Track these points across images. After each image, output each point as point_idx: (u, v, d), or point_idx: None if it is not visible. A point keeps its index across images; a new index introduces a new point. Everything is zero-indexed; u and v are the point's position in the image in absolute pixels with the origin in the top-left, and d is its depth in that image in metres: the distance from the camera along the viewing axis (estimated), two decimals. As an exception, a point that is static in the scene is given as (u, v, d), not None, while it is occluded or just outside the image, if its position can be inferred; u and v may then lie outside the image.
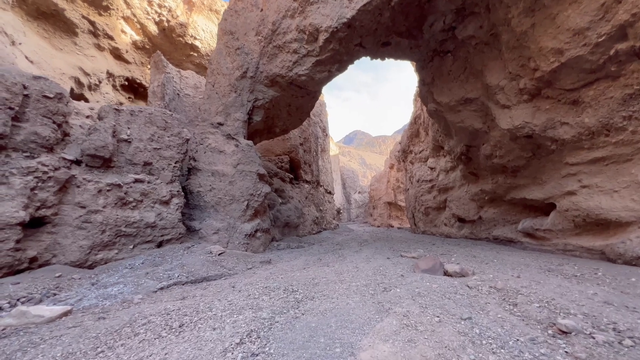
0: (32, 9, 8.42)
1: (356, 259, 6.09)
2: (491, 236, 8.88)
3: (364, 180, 55.64)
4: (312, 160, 16.86)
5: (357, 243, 9.77)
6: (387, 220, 26.13)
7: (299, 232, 12.99)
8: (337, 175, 37.87)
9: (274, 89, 7.93)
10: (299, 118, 9.77)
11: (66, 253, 4.70)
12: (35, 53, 7.56)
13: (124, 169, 5.66)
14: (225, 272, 4.92)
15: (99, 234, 5.01)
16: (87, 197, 5.01)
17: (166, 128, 6.45)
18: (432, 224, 13.25)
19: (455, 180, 11.00)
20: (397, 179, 24.99)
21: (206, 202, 7.15)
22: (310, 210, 15.45)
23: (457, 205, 10.61)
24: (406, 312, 2.54)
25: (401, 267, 4.79)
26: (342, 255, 6.77)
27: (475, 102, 6.81)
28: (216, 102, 7.99)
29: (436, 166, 12.88)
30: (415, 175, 14.87)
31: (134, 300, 3.37)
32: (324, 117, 21.18)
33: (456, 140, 8.74)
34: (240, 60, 7.73)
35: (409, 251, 6.77)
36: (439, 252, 6.43)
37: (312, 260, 6.23)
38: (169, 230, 6.05)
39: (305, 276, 4.34)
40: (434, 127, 11.71)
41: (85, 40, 9.83)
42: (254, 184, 7.43)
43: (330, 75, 7.52)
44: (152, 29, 11.68)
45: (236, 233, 7.03)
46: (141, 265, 4.88)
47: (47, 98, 4.79)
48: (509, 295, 3.00)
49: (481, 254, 6.06)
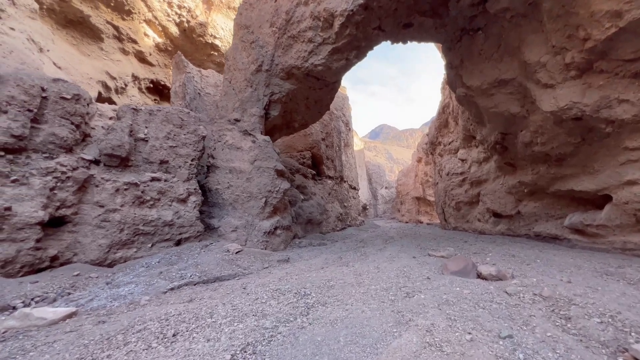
0: (60, 17, 8.81)
1: (379, 258, 5.68)
2: (532, 233, 8.03)
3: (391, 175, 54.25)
4: (334, 155, 16.48)
5: (382, 240, 9.31)
6: (416, 216, 25.16)
7: (322, 229, 12.72)
8: (363, 171, 37.14)
9: (290, 82, 7.66)
10: (318, 111, 9.45)
11: (86, 251, 4.76)
12: (63, 59, 7.88)
13: (141, 168, 5.67)
14: (240, 271, 4.74)
15: (117, 233, 5.04)
16: (105, 196, 5.05)
17: (182, 126, 6.40)
18: (463, 220, 12.41)
19: (489, 172, 10.14)
20: (425, 172, 23.92)
21: (224, 200, 7.07)
22: (334, 206, 15.13)
23: (492, 199, 9.77)
24: (430, 325, 2.14)
25: (428, 268, 4.33)
26: (365, 254, 6.38)
27: (511, 83, 6.07)
28: (233, 98, 7.88)
29: (467, 158, 12.02)
30: (444, 168, 14.03)
31: (140, 302, 3.25)
32: (346, 111, 20.67)
33: (490, 128, 7.97)
34: (255, 54, 7.54)
35: (438, 249, 6.24)
36: (471, 251, 5.84)
37: (332, 259, 5.91)
38: (186, 228, 6.01)
39: (321, 277, 4.03)
40: (464, 115, 10.87)
41: (110, 45, 10.17)
42: (272, 181, 7.23)
43: (348, 64, 7.10)
44: (173, 30, 11.87)
45: (254, 231, 6.88)
46: (157, 264, 4.83)
47: (65, 99, 4.86)
48: (559, 305, 2.49)
49: (521, 253, 5.40)
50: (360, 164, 35.47)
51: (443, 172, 14.37)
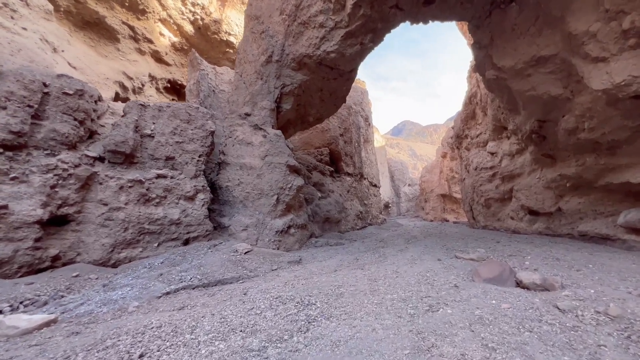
0: (77, 19, 8.93)
1: (399, 259, 5.13)
2: (575, 232, 7.10)
3: (415, 173, 52.57)
4: (354, 151, 15.90)
5: (404, 240, 8.67)
6: (441, 214, 24.00)
7: (340, 228, 12.23)
8: (384, 168, 36.18)
9: (302, 72, 7.23)
10: (334, 104, 8.95)
11: (89, 251, 4.60)
12: (78, 59, 7.94)
13: (146, 165, 5.48)
14: (245, 274, 4.38)
15: (121, 232, 4.85)
16: (109, 194, 4.88)
17: (190, 121, 6.17)
18: (494, 218, 11.45)
19: (524, 166, 9.20)
20: (450, 168, 22.71)
21: (235, 198, 6.78)
22: (353, 204, 14.58)
23: (527, 195, 8.84)
24: (460, 356, 1.62)
25: (455, 273, 3.75)
26: (383, 255, 5.84)
27: (551, 60, 5.28)
28: (243, 92, 7.58)
29: (498, 150, 11.05)
30: (472, 163, 13.07)
31: (129, 309, 2.95)
32: (365, 106, 19.98)
33: (525, 116, 7.13)
34: (265, 45, 7.18)
35: (467, 251, 5.57)
36: (506, 253, 5.14)
37: (348, 261, 5.43)
38: (194, 227, 5.76)
39: (331, 282, 3.57)
40: (494, 104, 9.95)
41: (127, 46, 10.24)
42: (284, 177, 6.84)
43: (363, 49, 6.55)
44: (188, 28, 11.83)
45: (266, 230, 6.54)
46: (160, 264, 4.58)
47: (67, 95, 4.72)
48: (636, 329, 1.88)
49: (567, 256, 4.64)
50: (381, 160, 34.53)
51: (470, 167, 13.43)
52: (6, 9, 5.78)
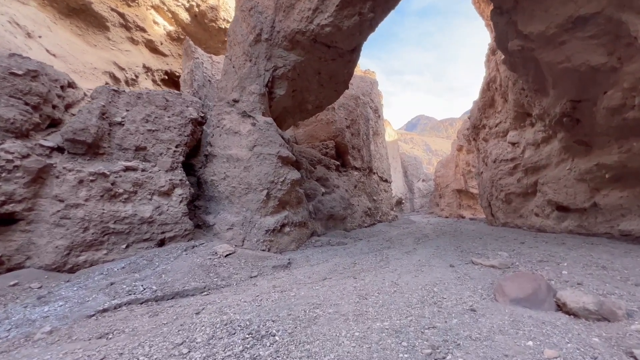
0: (62, 6, 8.43)
1: (403, 265, 4.29)
2: (616, 231, 6.05)
3: (429, 168, 50.89)
4: (361, 144, 14.98)
5: (413, 239, 7.79)
6: (457, 210, 22.75)
7: (346, 226, 11.40)
8: (397, 163, 34.97)
9: (295, 52, 6.43)
10: (335, 90, 8.10)
11: (41, 255, 4.00)
12: (59, 47, 7.43)
13: (113, 156, 4.84)
14: (214, 283, 3.67)
15: (79, 232, 4.23)
16: (66, 188, 4.26)
17: (167, 107, 5.50)
18: (515, 214, 10.36)
19: (551, 156, 8.11)
20: (467, 162, 21.41)
21: (220, 193, 6.09)
22: (361, 200, 13.71)
23: (556, 189, 7.78)
24: None
25: (471, 288, 2.89)
26: (386, 258, 5.01)
27: (593, 21, 4.26)
28: (232, 77, 6.85)
29: (520, 140, 9.94)
30: (490, 155, 11.95)
31: (36, 336, 2.28)
32: (375, 97, 18.97)
33: (554, 96, 6.10)
34: (253, 22, 6.42)
35: (485, 254, 4.67)
36: (534, 258, 4.21)
37: (343, 265, 4.64)
38: (171, 226, 5.10)
39: (310, 299, 2.80)
40: (516, 86, 8.85)
41: (118, 35, 9.72)
42: (275, 169, 6.09)
43: (362, 21, 5.68)
44: (184, 16, 11.21)
45: (254, 229, 5.82)
46: (119, 270, 3.93)
47: (15, 75, 4.11)
48: None
49: (614, 263, 3.68)
50: (393, 155, 33.33)
51: (489, 160, 12.32)
52: (-35, -13, 5.25)
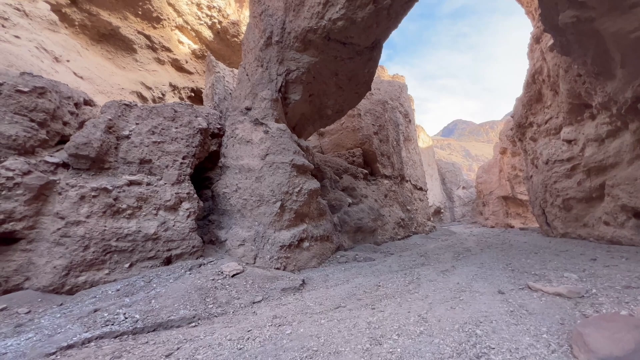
0: (93, 32, 8.94)
1: (436, 289, 3.47)
2: None
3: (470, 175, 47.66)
4: (391, 151, 14.09)
5: (452, 254, 6.77)
6: (504, 219, 20.58)
7: (376, 238, 10.52)
8: (433, 170, 33.11)
9: (309, 53, 5.99)
10: (355, 92, 7.52)
11: (39, 275, 3.81)
12: (88, 70, 7.78)
13: (118, 171, 4.66)
14: (207, 311, 3.16)
15: (79, 251, 4.00)
16: (67, 205, 4.09)
17: (175, 118, 5.29)
18: (578, 223, 8.79)
19: (621, 152, 6.73)
20: (512, 165, 19.37)
21: (232, 206, 5.70)
22: (393, 210, 12.74)
23: (631, 192, 6.38)
24: None
25: (532, 329, 2.06)
26: (417, 280, 4.19)
27: (679, -31, 3.27)
28: (245, 85, 6.59)
29: (578, 136, 8.51)
30: (541, 156, 10.46)
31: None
32: (405, 102, 18.01)
33: (623, 78, 4.97)
34: (263, 25, 6.12)
35: (545, 275, 3.66)
36: (616, 282, 3.15)
37: (364, 288, 3.93)
38: (177, 242, 4.76)
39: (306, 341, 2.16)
40: (569, 73, 7.59)
41: (145, 56, 10.12)
42: (289, 179, 5.58)
43: (378, 9, 5.09)
44: (207, 34, 11.47)
45: (267, 244, 5.30)
46: (113, 293, 3.60)
47: (21, 92, 4.09)
48: None
49: None
50: (429, 162, 31.63)
51: (539, 161, 10.80)
52: (-4, 17, 5.56)
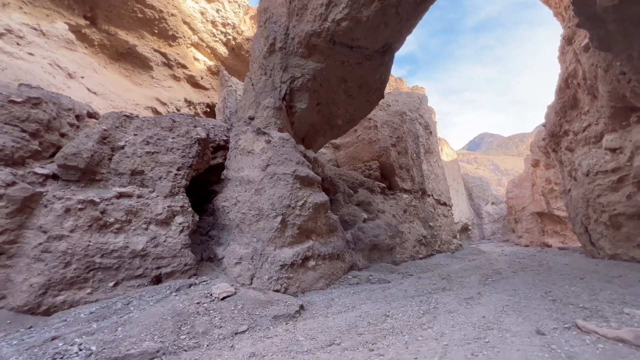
0: (112, 51, 9.26)
1: (456, 324, 2.81)
2: None
3: (500, 190, 45.06)
4: (411, 164, 13.36)
5: (480, 277, 5.94)
6: (540, 237, 18.82)
7: (395, 257, 9.72)
8: (460, 185, 31.49)
9: (314, 59, 5.66)
10: (367, 100, 7.07)
11: (15, 294, 3.56)
12: (102, 86, 7.97)
13: (109, 182, 4.44)
14: (175, 344, 2.69)
15: (59, 268, 3.73)
16: (51, 218, 3.87)
17: (172, 128, 5.08)
18: (631, 243, 7.58)
19: (682, 159, 5.75)
20: (547, 179, 17.80)
21: (231, 221, 5.32)
22: (413, 227, 11.88)
23: (700, 206, 5.35)
24: None
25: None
26: (434, 309, 3.52)
27: None
28: (250, 94, 6.36)
29: (624, 144, 7.49)
30: (580, 167, 9.36)
31: None
32: (425, 113, 17.31)
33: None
34: (266, 32, 5.91)
35: (599, 309, 2.88)
36: None
37: (369, 319, 3.32)
38: (168, 260, 4.41)
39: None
40: (610, 73, 6.72)
41: (161, 73, 10.36)
42: (291, 192, 5.13)
43: (384, 6, 4.68)
44: (222, 50, 11.66)
45: (266, 263, 4.82)
46: (85, 316, 3.24)
47: (13, 102, 4.02)
48: None
49: None
50: (454, 176, 30.16)
51: (578, 173, 9.68)
52: (11, 35, 5.74)
